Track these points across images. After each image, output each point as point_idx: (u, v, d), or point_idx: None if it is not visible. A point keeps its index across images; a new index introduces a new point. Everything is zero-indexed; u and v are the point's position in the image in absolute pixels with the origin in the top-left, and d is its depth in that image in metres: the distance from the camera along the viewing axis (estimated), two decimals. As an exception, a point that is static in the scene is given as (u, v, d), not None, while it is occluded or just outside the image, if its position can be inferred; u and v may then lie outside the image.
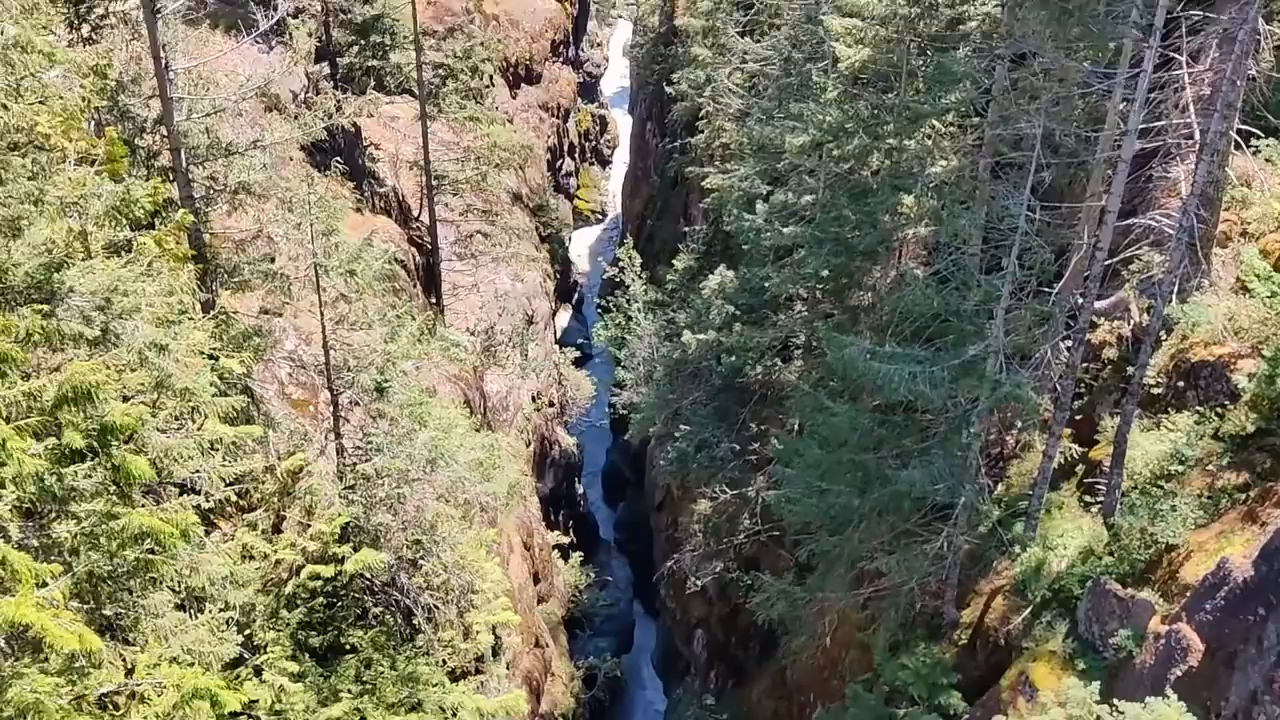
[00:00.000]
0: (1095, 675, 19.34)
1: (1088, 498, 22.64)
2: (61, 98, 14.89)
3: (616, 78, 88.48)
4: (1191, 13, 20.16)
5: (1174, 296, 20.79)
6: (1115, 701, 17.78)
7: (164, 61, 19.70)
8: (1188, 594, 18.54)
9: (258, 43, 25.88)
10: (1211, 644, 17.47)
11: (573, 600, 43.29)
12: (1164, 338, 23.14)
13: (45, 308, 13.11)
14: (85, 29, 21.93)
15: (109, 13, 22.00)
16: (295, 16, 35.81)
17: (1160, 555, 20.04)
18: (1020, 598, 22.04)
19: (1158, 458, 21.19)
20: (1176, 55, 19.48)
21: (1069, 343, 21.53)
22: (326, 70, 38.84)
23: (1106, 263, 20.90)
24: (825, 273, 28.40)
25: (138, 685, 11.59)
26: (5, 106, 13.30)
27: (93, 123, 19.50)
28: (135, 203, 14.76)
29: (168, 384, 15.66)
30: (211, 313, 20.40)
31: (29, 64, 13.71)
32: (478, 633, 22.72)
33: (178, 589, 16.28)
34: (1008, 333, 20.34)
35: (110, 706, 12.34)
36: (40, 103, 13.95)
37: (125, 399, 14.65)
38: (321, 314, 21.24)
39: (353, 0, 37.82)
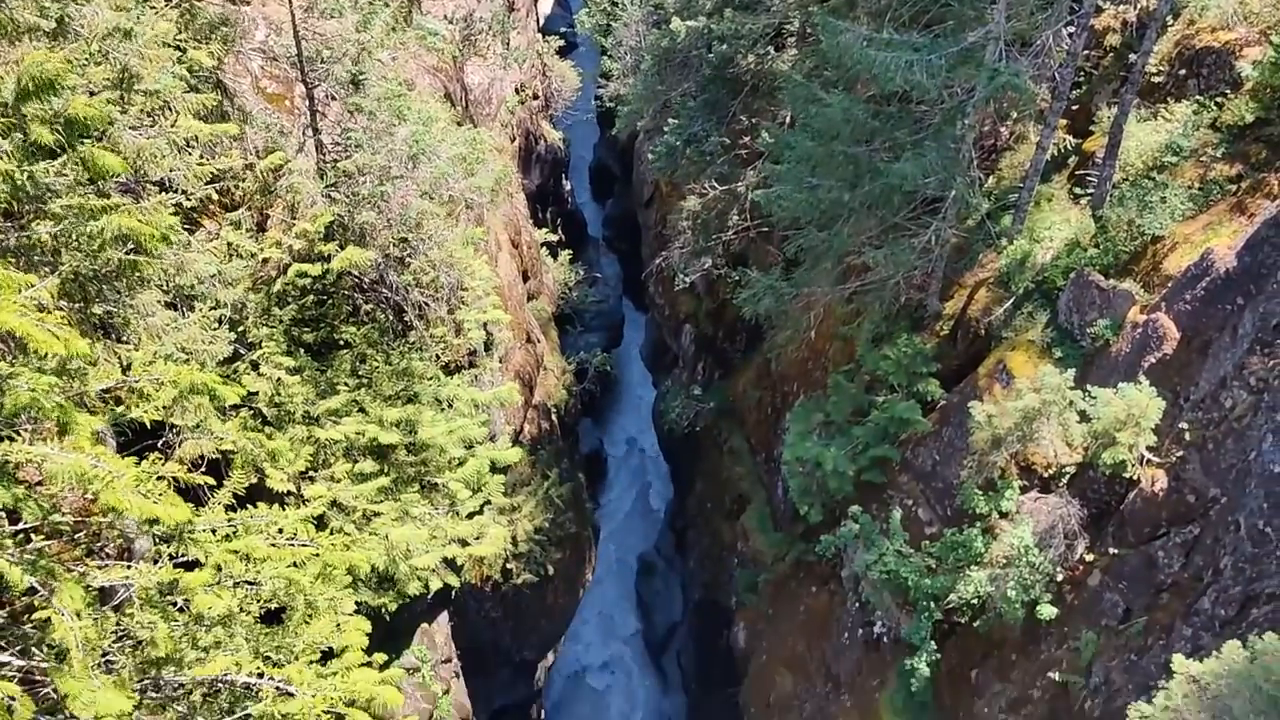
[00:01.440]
0: (1071, 363, 19.92)
1: (1078, 190, 22.47)
2: None
3: None
4: None
5: (1187, -23, 19.70)
6: (1088, 387, 18.43)
7: None
8: (1169, 285, 18.77)
9: None
10: (1187, 333, 17.87)
11: (562, 297, 43.92)
12: (1170, 23, 22.20)
13: (-8, -6, 12.31)
14: None
15: None
16: None
17: (1145, 247, 20.13)
18: (1003, 289, 22.33)
19: (1152, 149, 20.84)
20: None
21: (1072, 29, 20.61)
22: None
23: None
24: (821, -47, 26.80)
25: (136, 382, 11.80)
26: None
27: None
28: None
29: (134, 79, 15.01)
30: (173, 1, 19.29)
31: None
32: (469, 329, 23.10)
33: (166, 288, 16.34)
34: (1009, 18, 19.43)
35: (111, 402, 12.62)
36: None
37: (90, 94, 14.08)
38: (290, 1, 20.14)
39: None
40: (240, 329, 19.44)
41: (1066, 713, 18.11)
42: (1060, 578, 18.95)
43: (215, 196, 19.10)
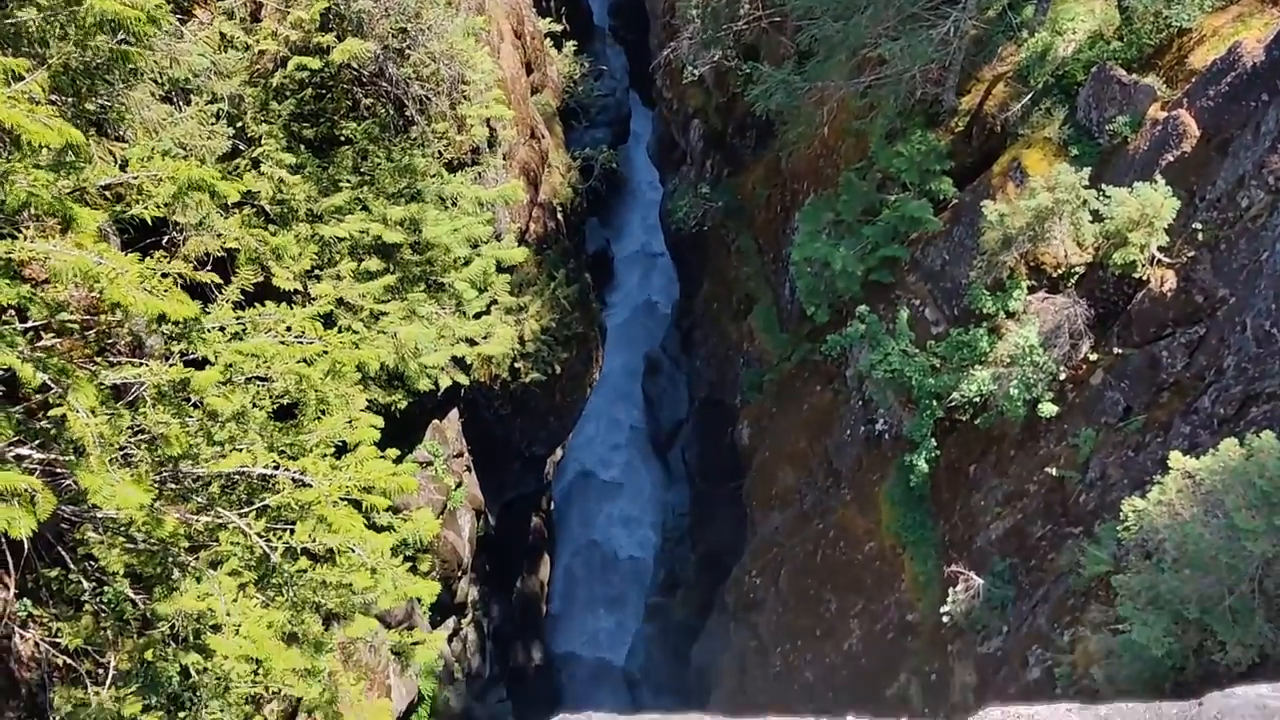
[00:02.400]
0: (1087, 161, 19.51)
1: (1107, -22, 21.45)
2: None
3: None
4: None
5: None
6: (1103, 186, 18.09)
7: None
8: (1193, 80, 18.16)
9: None
10: (1208, 130, 17.40)
11: (567, 91, 42.70)
12: None
13: None
14: None
15: None
16: None
17: (1171, 40, 19.37)
18: (1022, 84, 21.65)
19: (1188, -68, 19.75)
20: None
21: None
22: None
23: None
24: None
25: (134, 178, 11.59)
26: None
27: None
28: None
29: None
30: None
31: None
32: (471, 124, 22.58)
33: (160, 81, 15.87)
34: None
35: (112, 199, 12.46)
36: None
37: None
38: None
39: None
40: (239, 124, 19.02)
41: (1061, 506, 18.63)
42: (1063, 376, 19.14)
43: (205, -17, 18.33)
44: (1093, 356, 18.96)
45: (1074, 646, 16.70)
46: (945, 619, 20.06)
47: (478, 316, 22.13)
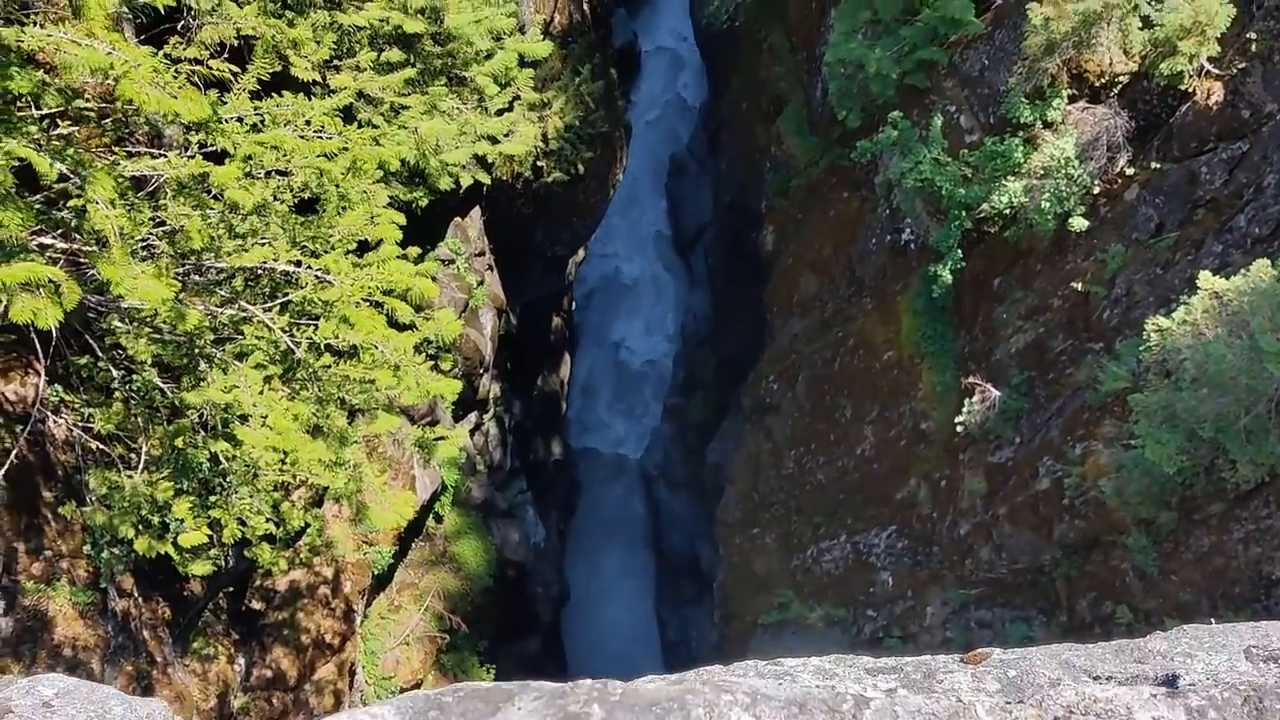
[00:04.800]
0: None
1: None
2: None
3: None
4: None
5: None
6: (1157, -10, 17.20)
7: None
8: (1266, -127, 16.98)
9: None
10: (1277, -70, 16.40)
11: None
12: None
13: None
14: None
15: None
16: None
17: None
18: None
19: None
20: None
21: None
22: None
23: None
24: None
25: (143, -41, 11.12)
26: None
27: None
28: None
29: None
30: None
31: None
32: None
33: None
34: None
35: (121, -19, 12.01)
36: None
37: None
38: None
39: None
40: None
41: (1083, 322, 18.58)
42: (1097, 190, 18.75)
43: None
44: (1129, 171, 18.50)
45: (1085, 459, 16.98)
46: (959, 429, 20.36)
47: (500, 113, 21.63)
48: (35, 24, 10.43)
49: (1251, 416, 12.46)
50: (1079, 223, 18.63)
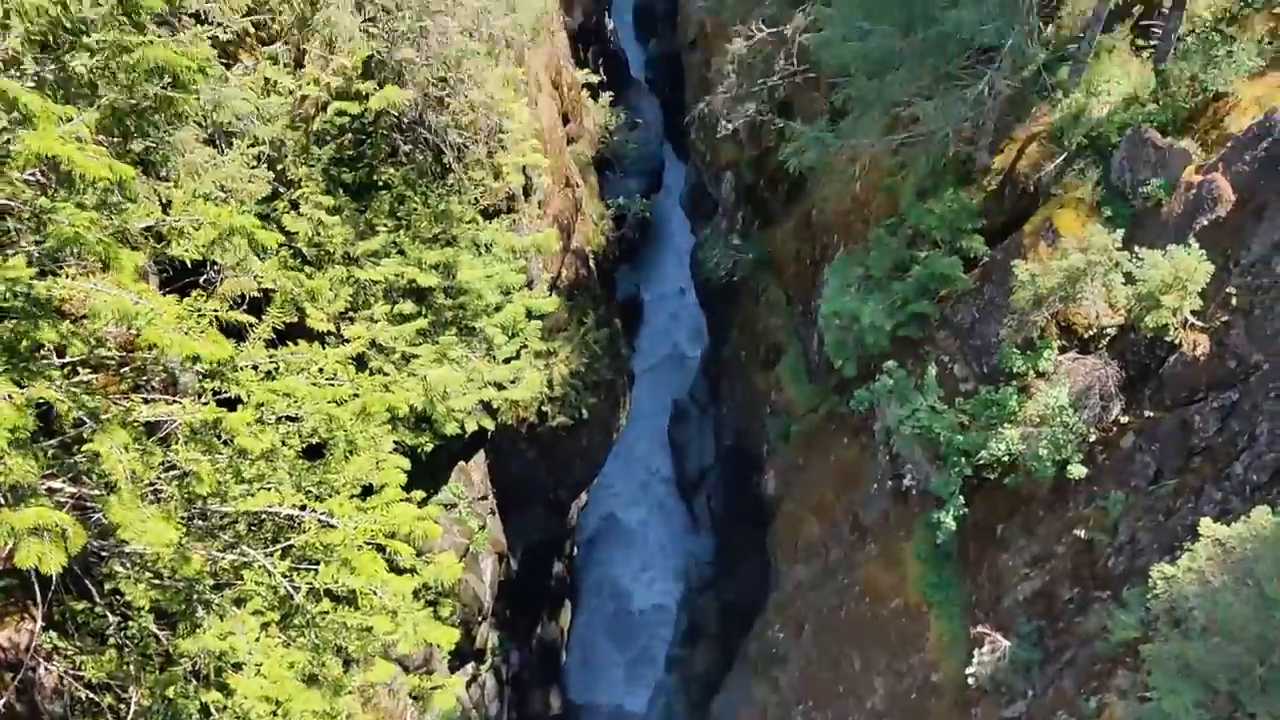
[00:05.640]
0: (1121, 223, 19.49)
1: (1141, 42, 21.52)
2: None
3: None
4: None
5: None
6: (1136, 248, 18.06)
7: None
8: (1228, 145, 18.16)
9: None
10: (1243, 195, 17.37)
11: (602, 141, 43.23)
12: None
13: None
14: None
15: None
16: None
17: (1207, 104, 19.40)
18: (1055, 144, 21.70)
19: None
20: None
21: None
22: None
23: None
24: None
25: (176, 222, 11.83)
26: None
27: None
28: None
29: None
30: None
31: None
32: (507, 173, 22.87)
33: (204, 124, 16.21)
34: None
35: (153, 239, 12.70)
36: None
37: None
38: None
39: None
40: (279, 167, 19.36)
41: (1089, 569, 18.42)
42: (1093, 438, 19.00)
43: (252, 30, 18.74)
44: (1123, 419, 18.82)
45: (1101, 713, 16.45)
46: (970, 681, 19.80)
47: (507, 361, 22.26)
48: (66, 276, 10.99)
49: (1267, 667, 12.20)
50: (1078, 470, 18.79)
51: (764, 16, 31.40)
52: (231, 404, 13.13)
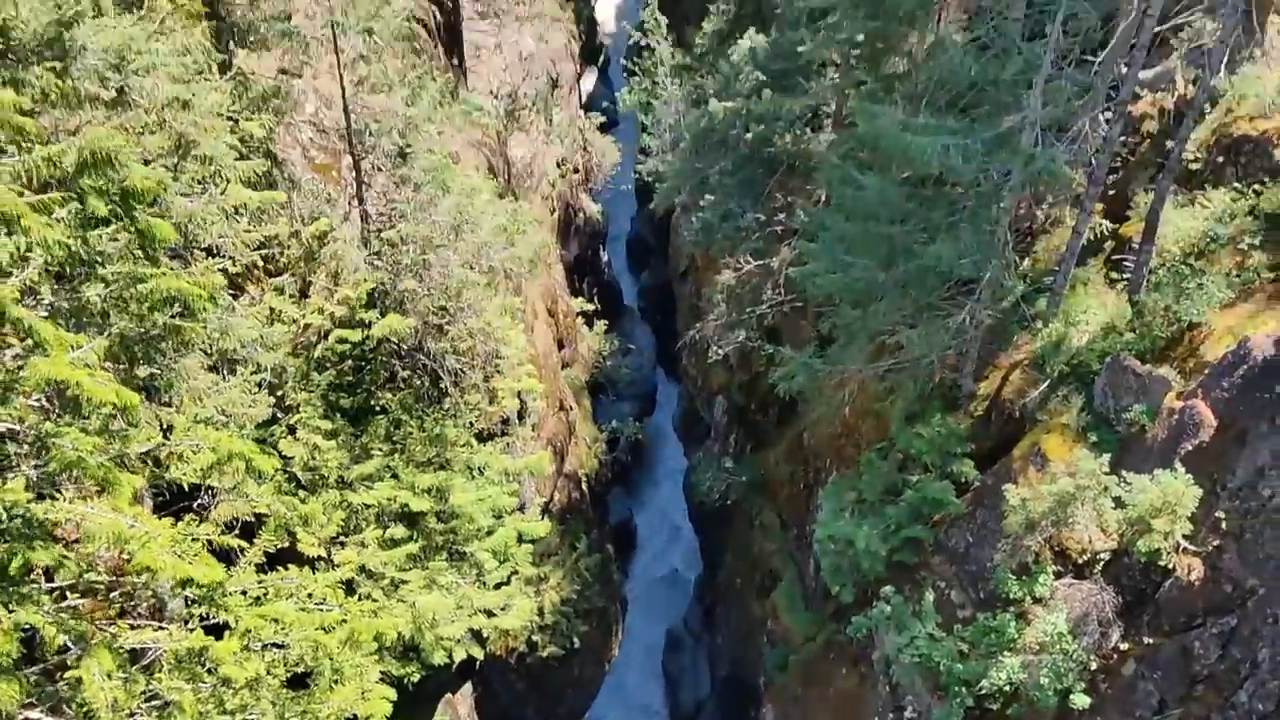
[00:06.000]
0: (1107, 448, 19.75)
1: (1114, 274, 22.46)
2: None
3: None
4: None
5: (1223, 67, 19.88)
6: (1124, 473, 18.26)
7: None
8: (1206, 372, 18.65)
9: None
10: (1224, 420, 17.71)
11: (596, 366, 44.17)
12: (1208, 111, 22.33)
13: (57, 65, 12.81)
14: None
15: None
16: None
17: (1182, 333, 20.04)
18: (1038, 371, 22.25)
19: (1189, 235, 20.85)
20: None
21: (1109, 115, 20.80)
22: None
23: (1155, 30, 19.91)
24: (860, 38, 27.25)
25: (176, 446, 12.02)
26: None
27: None
28: (142, -48, 14.17)
29: (188, 147, 15.51)
30: (229, 73, 19.93)
31: None
32: (503, 397, 23.31)
33: (210, 352, 16.66)
34: (1046, 104, 19.63)
35: (151, 463, 12.85)
36: None
37: (145, 163, 14.54)
38: (341, 75, 20.74)
39: None
40: (279, 393, 19.74)
41: (1100, 807, 17.68)
42: (1094, 666, 18.61)
43: (261, 263, 19.52)
44: (1123, 645, 18.50)
45: None
46: None
47: (498, 586, 22.03)
48: (64, 499, 11.06)
49: None
50: (1081, 700, 18.31)
51: (751, 249, 32.80)
52: (218, 629, 12.94)
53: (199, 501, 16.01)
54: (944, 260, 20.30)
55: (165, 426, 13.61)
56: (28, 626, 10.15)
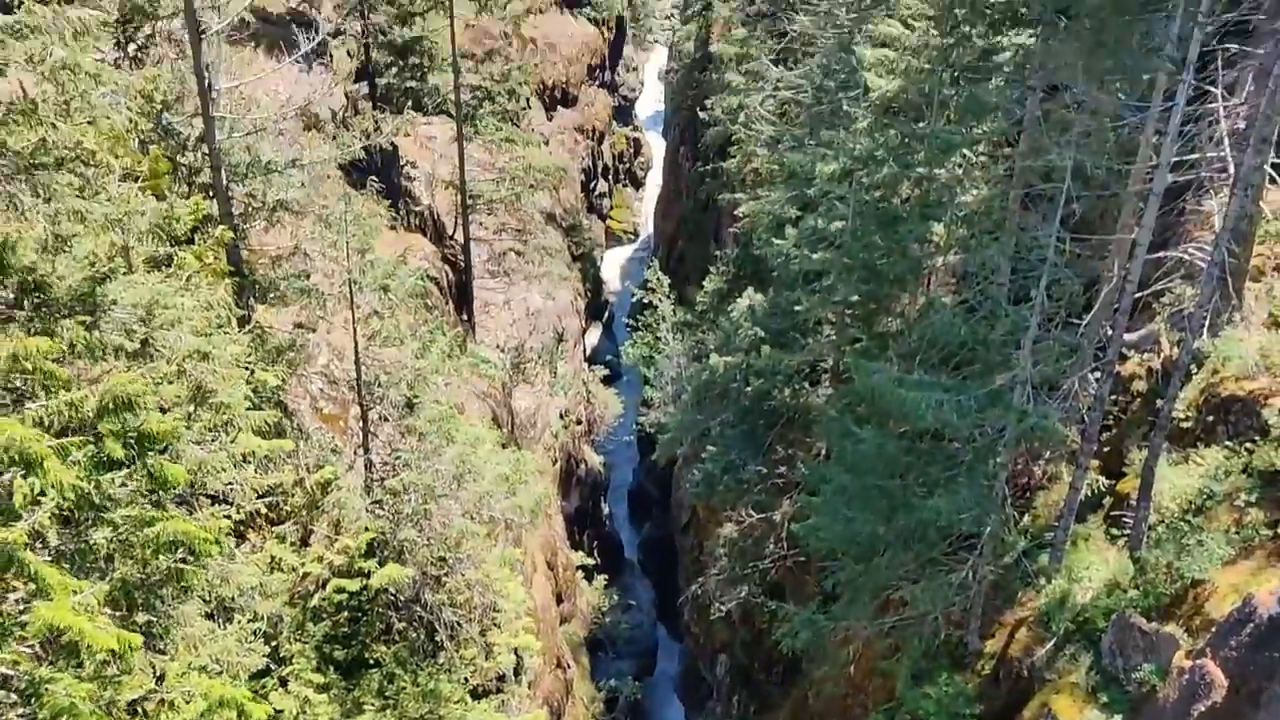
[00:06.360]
0: (1118, 709, 19.24)
1: (1114, 530, 22.53)
2: (108, 117, 15.27)
3: (651, 101, 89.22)
4: (1228, 46, 20.18)
5: (1205, 330, 20.70)
6: (1137, 736, 17.71)
7: (207, 81, 20.15)
8: (1213, 630, 18.41)
9: (299, 63, 26.35)
10: (1235, 680, 17.34)
11: (595, 621, 43.37)
12: (1194, 371, 23.02)
13: (88, 319, 13.43)
14: (132, 48, 22.46)
15: (155, 32, 22.50)
16: (335, 37, 36.39)
17: (1186, 590, 19.90)
18: (1044, 629, 21.93)
19: (1185, 492, 21.07)
20: (1212, 88, 19.48)
21: (1097, 375, 21.47)
22: (365, 90, 39.42)
23: (1137, 295, 20.86)
24: (854, 299, 28.49)
25: (167, 693, 11.80)
26: (55, 125, 13.66)
27: (137, 140, 19.93)
28: (177, 220, 15.15)
29: (206, 395, 15.98)
30: (248, 327, 20.75)
31: (77, 84, 14.07)
32: (499, 652, 22.88)
33: (208, 598, 16.53)
34: (1035, 363, 20.33)
35: (140, 712, 12.57)
36: (89, 123, 14.31)
37: (162, 410, 14.96)
38: (354, 330, 21.57)
39: (392, 22, 38.34)
40: (274, 643, 19.42)
41: None
42: None
43: (264, 510, 19.67)
44: None
45: None
46: None
47: None
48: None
49: None
50: None
51: (753, 502, 32.98)
52: None
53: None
54: (943, 514, 20.43)
55: (158, 674, 13.37)
56: None
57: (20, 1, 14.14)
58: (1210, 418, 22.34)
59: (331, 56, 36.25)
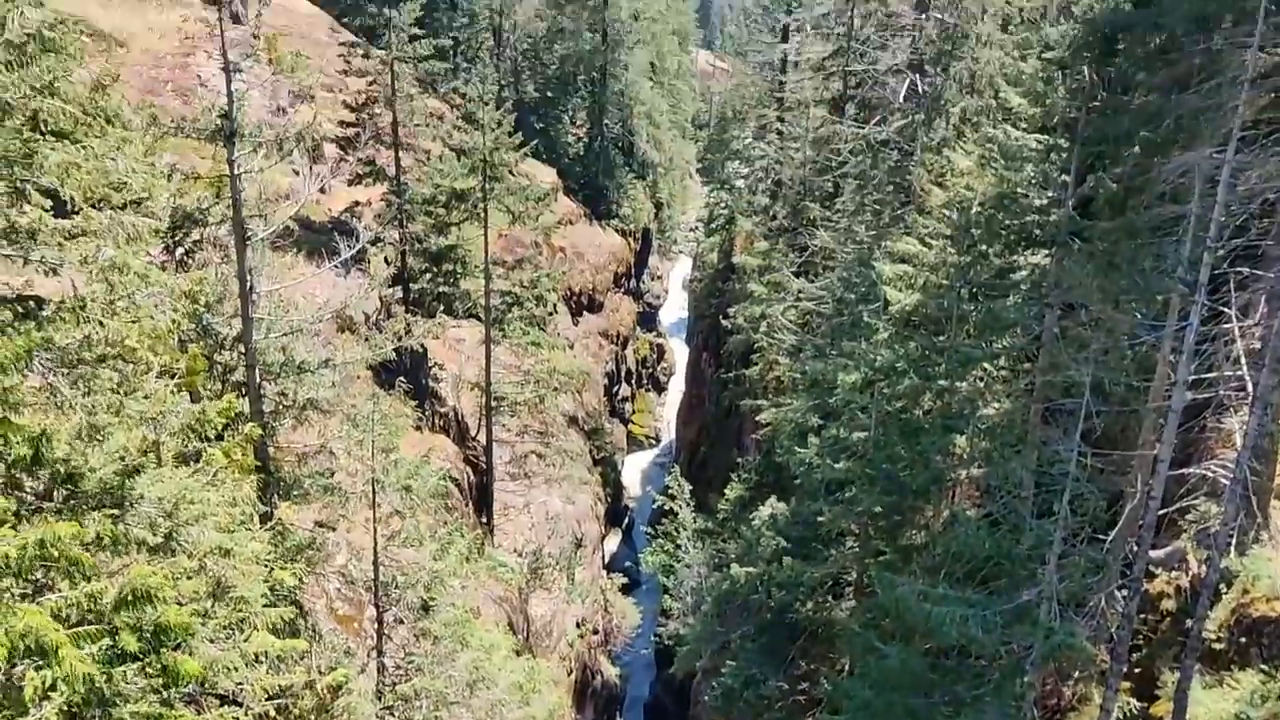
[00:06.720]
0: None
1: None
2: (152, 317, 15.81)
3: (675, 309, 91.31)
4: (1239, 269, 20.72)
5: (1231, 549, 20.41)
6: None
7: (249, 284, 20.94)
8: None
9: (337, 268, 27.37)
10: None
11: None
12: (1224, 590, 22.56)
13: (115, 512, 13.55)
14: (179, 251, 23.45)
15: (203, 238, 23.54)
16: (374, 244, 37.85)
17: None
18: None
19: (1221, 718, 20.30)
20: (1225, 309, 19.89)
21: (1124, 592, 21.06)
22: (399, 294, 40.68)
23: (1161, 512, 20.71)
24: (877, 510, 28.28)
25: None
26: (101, 323, 14.16)
27: (177, 338, 20.55)
28: (209, 422, 15.49)
29: (224, 591, 15.89)
30: (269, 524, 20.79)
31: (126, 284, 14.65)
32: None
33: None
34: (1061, 579, 19.99)
35: None
36: (133, 321, 14.82)
37: (179, 604, 14.86)
38: (374, 530, 21.59)
39: (429, 231, 39.91)
40: None
41: None
42: None
43: (273, 712, 19.16)
44: None
45: None
46: None
47: None
48: None
49: None
50: None
51: (775, 719, 31.79)
52: None
53: None
54: (972, 735, 19.72)
55: None
56: None
57: (79, 207, 14.91)
58: (1243, 639, 21.74)
59: (369, 262, 37.59)
